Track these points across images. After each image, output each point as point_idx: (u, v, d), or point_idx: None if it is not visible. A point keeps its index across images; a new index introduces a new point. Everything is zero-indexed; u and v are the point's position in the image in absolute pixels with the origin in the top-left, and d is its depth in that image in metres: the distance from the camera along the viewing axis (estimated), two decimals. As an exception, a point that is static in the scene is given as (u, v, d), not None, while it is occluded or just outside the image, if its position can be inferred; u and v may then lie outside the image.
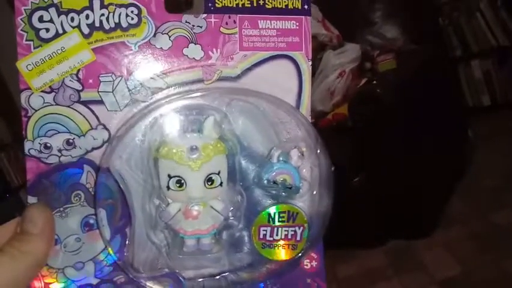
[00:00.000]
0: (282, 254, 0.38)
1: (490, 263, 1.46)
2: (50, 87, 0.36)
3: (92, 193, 0.37)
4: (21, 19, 0.35)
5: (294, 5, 0.40)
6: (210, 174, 0.35)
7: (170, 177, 0.35)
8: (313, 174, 0.38)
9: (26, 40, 0.36)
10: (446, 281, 1.47)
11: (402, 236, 1.60)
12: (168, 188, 0.35)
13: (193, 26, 0.38)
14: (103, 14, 0.37)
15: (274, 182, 0.36)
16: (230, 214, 0.38)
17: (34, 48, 0.36)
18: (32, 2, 0.35)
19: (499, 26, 2.25)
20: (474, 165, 1.62)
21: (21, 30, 0.35)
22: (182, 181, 0.35)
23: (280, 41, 0.40)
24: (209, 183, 0.35)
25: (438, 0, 2.25)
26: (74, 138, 0.37)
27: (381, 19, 1.51)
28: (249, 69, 0.40)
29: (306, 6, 0.40)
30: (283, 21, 0.40)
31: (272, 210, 0.37)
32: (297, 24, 0.40)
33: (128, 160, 0.36)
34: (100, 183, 0.36)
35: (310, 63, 0.41)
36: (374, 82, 1.54)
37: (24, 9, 0.35)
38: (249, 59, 0.40)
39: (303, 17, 0.40)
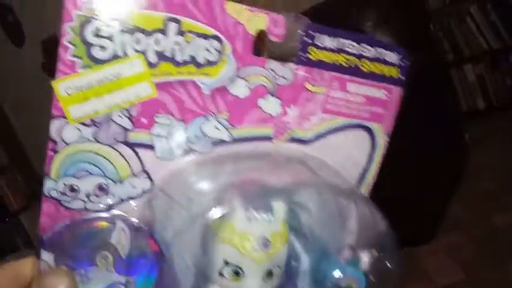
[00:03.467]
0: None
1: (493, 267, 1.45)
2: (91, 119, 0.28)
3: (123, 256, 0.30)
4: (70, 27, 0.27)
5: (390, 73, 0.35)
6: (272, 267, 0.30)
7: (227, 264, 0.29)
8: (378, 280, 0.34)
9: (72, 56, 0.27)
10: (449, 287, 1.47)
11: (403, 243, 1.60)
12: (221, 274, 0.30)
13: (278, 75, 0.32)
14: (177, 43, 0.29)
15: (339, 286, 0.31)
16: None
17: (81, 67, 0.27)
18: (89, 8, 0.27)
19: (490, 29, 2.27)
20: (471, 168, 1.57)
21: (68, 41, 0.27)
22: (240, 272, 0.29)
23: (364, 110, 0.35)
24: (268, 276, 0.30)
25: (429, 7, 2.22)
26: (108, 183, 0.30)
27: (372, 28, 1.45)
28: (323, 134, 0.34)
29: (401, 76, 0.35)
30: (374, 89, 0.35)
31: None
32: (387, 94, 0.35)
33: (183, 247, 0.30)
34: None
35: (387, 138, 0.36)
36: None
37: (77, 15, 0.26)
38: (326, 124, 0.34)
39: (394, 87, 0.35)
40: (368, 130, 0.36)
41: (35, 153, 1.94)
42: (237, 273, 0.29)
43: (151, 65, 0.28)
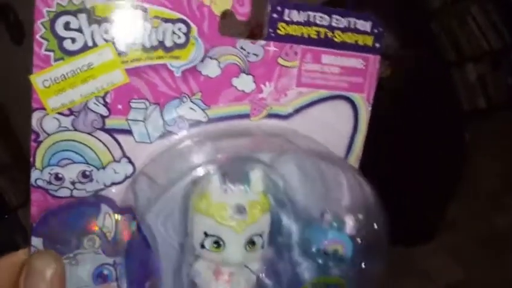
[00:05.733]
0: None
1: (493, 267, 1.44)
2: (69, 109, 0.30)
3: (109, 239, 0.31)
4: (41, 23, 0.28)
5: (364, 42, 0.34)
6: (253, 235, 0.30)
7: (206, 235, 0.30)
8: (365, 244, 0.33)
9: (46, 50, 0.29)
10: (449, 286, 1.46)
11: (402, 242, 1.57)
12: (202, 246, 0.30)
13: (248, 53, 0.32)
14: (145, 29, 0.30)
15: (325, 252, 0.31)
16: (263, 274, 0.33)
17: (55, 60, 0.29)
18: (57, 3, 0.28)
19: (491, 29, 2.22)
20: (472, 168, 1.57)
21: (41, 37, 0.28)
22: (221, 242, 0.30)
23: (342, 80, 0.35)
24: (250, 245, 0.30)
25: (430, 6, 2.18)
26: (91, 170, 0.31)
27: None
28: (302, 108, 0.34)
29: (377, 45, 0.35)
30: (349, 59, 0.34)
31: (316, 282, 0.32)
32: (364, 63, 0.35)
33: (165, 222, 0.31)
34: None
35: (370, 108, 0.36)
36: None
37: (47, 11, 0.28)
38: (304, 97, 0.34)
39: (371, 56, 0.35)
40: (349, 100, 0.35)
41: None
42: (218, 243, 0.30)
43: (120, 52, 0.30)
